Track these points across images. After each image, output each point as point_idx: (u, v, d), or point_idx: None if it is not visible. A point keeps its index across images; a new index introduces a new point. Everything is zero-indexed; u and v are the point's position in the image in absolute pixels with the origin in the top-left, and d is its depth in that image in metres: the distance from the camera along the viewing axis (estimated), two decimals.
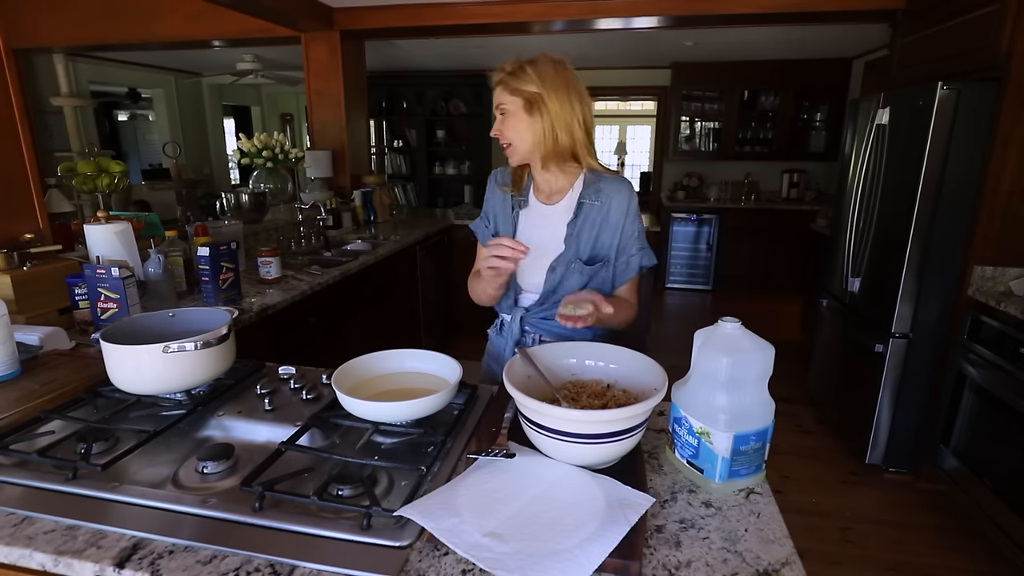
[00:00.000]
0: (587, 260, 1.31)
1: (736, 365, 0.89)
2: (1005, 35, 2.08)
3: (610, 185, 1.30)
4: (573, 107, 1.22)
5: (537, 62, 1.22)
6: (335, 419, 1.07)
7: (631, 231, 1.30)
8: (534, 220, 1.36)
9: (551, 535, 0.77)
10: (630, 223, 1.30)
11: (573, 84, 1.23)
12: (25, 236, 1.77)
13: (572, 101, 1.21)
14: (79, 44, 4.03)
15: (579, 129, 1.24)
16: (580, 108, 1.23)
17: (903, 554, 2.13)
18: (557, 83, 1.21)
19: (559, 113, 1.21)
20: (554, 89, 1.20)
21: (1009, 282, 2.21)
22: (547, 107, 1.21)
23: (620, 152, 11.96)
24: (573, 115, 1.22)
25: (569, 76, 1.23)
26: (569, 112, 1.22)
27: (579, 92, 1.23)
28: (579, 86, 1.24)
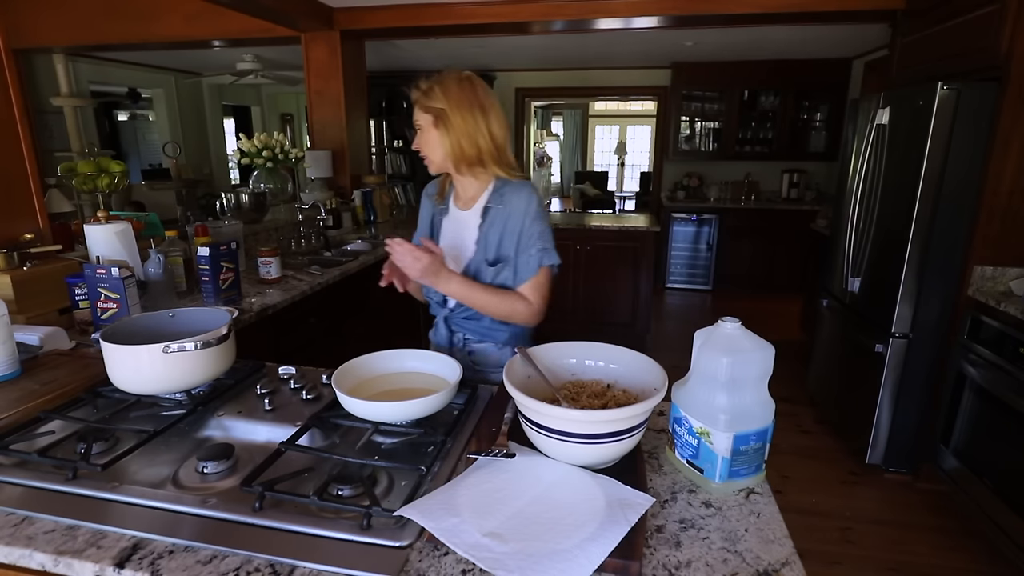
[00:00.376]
0: (492, 261, 1.40)
1: (736, 365, 0.89)
2: (1005, 35, 2.08)
3: (512, 189, 1.39)
4: (477, 120, 1.32)
5: (444, 80, 1.35)
6: (335, 419, 1.07)
7: (531, 232, 1.37)
8: (452, 226, 1.47)
9: (551, 535, 0.77)
10: (529, 224, 1.37)
11: (477, 99, 1.33)
12: (25, 236, 1.77)
13: (475, 115, 1.32)
14: (79, 44, 4.03)
15: (484, 139, 1.34)
16: (485, 120, 1.33)
17: (903, 554, 2.13)
18: (461, 99, 1.32)
19: (462, 127, 1.32)
20: (458, 105, 1.32)
21: (1009, 282, 2.21)
22: (452, 122, 1.32)
23: (620, 152, 11.97)
24: (477, 128, 1.32)
25: (473, 91, 1.34)
26: (472, 125, 1.32)
27: (483, 106, 1.34)
28: (485, 100, 1.34)
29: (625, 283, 4.02)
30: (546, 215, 1.39)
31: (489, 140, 1.34)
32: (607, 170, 11.68)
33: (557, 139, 12.21)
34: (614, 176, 11.89)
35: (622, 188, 11.87)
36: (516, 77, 6.27)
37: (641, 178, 10.84)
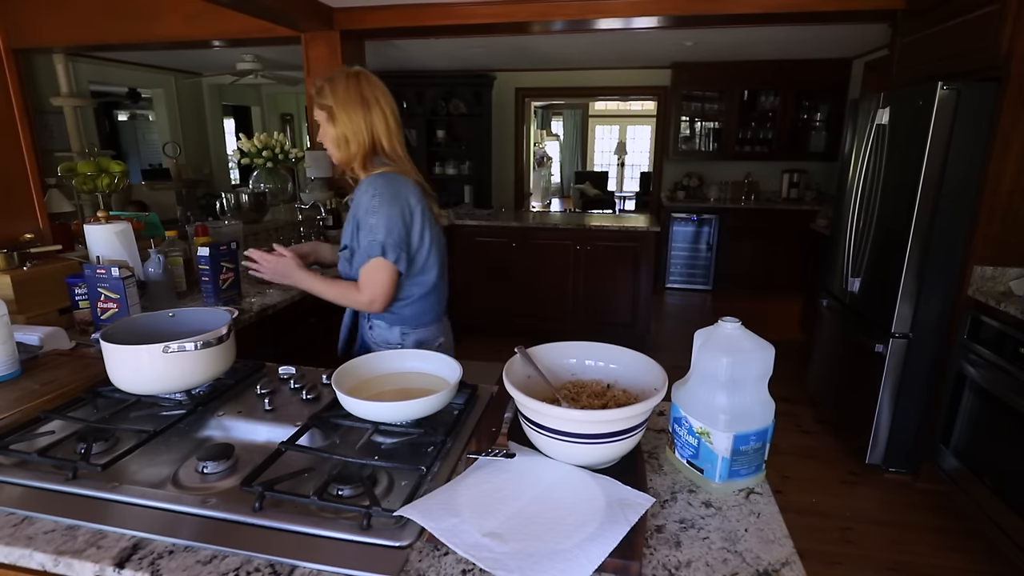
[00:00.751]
0: (342, 248, 1.53)
1: (736, 365, 0.89)
2: (1005, 35, 2.08)
3: (361, 185, 1.46)
4: (359, 117, 1.41)
5: (334, 79, 1.44)
6: (335, 419, 1.07)
7: (365, 224, 1.43)
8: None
9: (551, 535, 0.77)
10: (363, 216, 1.43)
11: (361, 95, 1.42)
12: (25, 236, 1.77)
13: (358, 111, 1.41)
14: (79, 44, 4.03)
15: (366, 135, 1.43)
16: (367, 116, 1.42)
17: (903, 554, 2.13)
18: (346, 97, 1.41)
19: (347, 123, 1.42)
20: (343, 103, 1.41)
21: (1009, 282, 2.21)
22: (338, 118, 1.42)
23: (620, 152, 11.97)
24: (360, 124, 1.42)
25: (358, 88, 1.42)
26: (356, 122, 1.41)
27: (367, 102, 1.42)
28: (369, 95, 1.42)
29: (625, 283, 4.02)
30: (386, 209, 1.41)
31: (369, 136, 1.43)
32: (607, 170, 11.68)
33: (557, 139, 12.21)
34: (614, 176, 11.89)
35: (622, 188, 11.87)
36: (516, 77, 6.27)
37: (641, 178, 10.84)
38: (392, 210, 1.41)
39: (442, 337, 1.65)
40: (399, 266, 1.44)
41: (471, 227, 4.14)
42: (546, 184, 11.72)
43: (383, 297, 1.46)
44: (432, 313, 1.59)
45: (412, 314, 1.56)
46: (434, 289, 1.56)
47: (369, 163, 1.46)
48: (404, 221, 1.43)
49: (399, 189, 1.43)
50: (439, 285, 1.58)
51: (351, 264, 1.50)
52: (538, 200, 10.75)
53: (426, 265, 1.52)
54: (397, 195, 1.42)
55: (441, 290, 1.61)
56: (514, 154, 6.58)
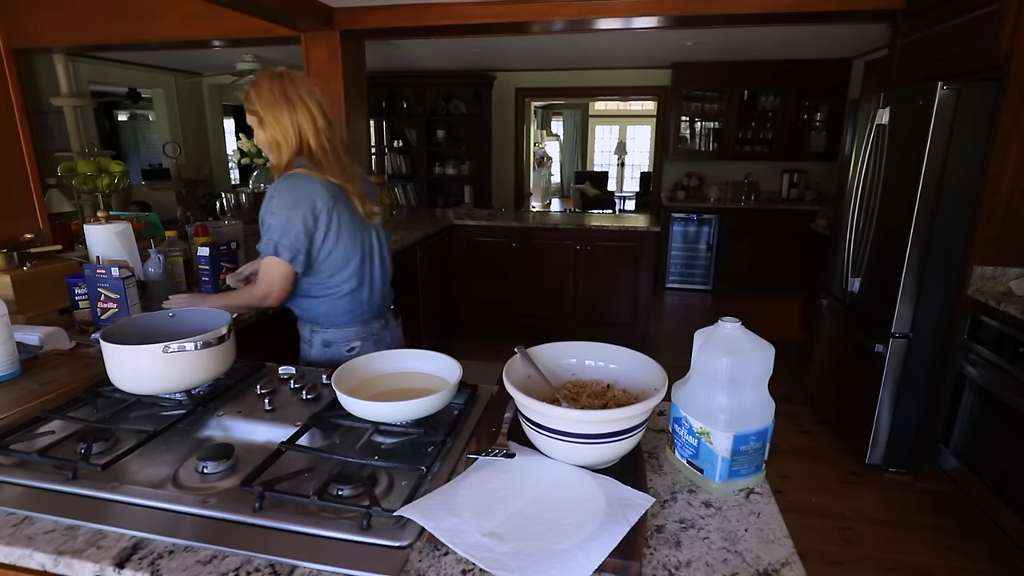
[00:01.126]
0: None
1: (736, 365, 0.89)
2: (1005, 35, 2.08)
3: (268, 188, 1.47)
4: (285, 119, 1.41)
5: (257, 83, 1.43)
6: (335, 419, 1.07)
7: (264, 223, 1.44)
8: None
9: (551, 535, 0.77)
10: (263, 216, 1.44)
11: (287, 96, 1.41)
12: (25, 236, 1.77)
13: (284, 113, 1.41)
14: (79, 44, 4.02)
15: (294, 136, 1.42)
16: (292, 117, 1.41)
17: (903, 554, 2.13)
18: (271, 99, 1.41)
19: (276, 126, 1.42)
20: (269, 106, 1.41)
21: (1009, 282, 2.21)
22: (267, 122, 1.42)
23: (620, 152, 11.97)
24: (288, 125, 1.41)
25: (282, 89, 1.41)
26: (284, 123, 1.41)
27: (292, 102, 1.41)
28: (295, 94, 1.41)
29: (625, 283, 4.02)
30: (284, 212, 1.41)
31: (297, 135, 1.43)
32: (607, 170, 11.68)
33: (557, 139, 12.21)
34: (614, 176, 11.89)
35: (622, 188, 11.87)
36: (516, 77, 6.27)
37: (641, 178, 10.84)
38: (292, 213, 1.41)
39: (358, 342, 1.60)
40: (295, 266, 1.45)
41: (471, 227, 4.14)
42: (546, 184, 11.72)
43: (276, 293, 1.47)
44: (345, 316, 1.57)
45: (320, 315, 1.56)
46: (351, 293, 1.55)
47: (289, 165, 1.46)
48: (305, 224, 1.42)
49: (304, 191, 1.41)
50: (358, 290, 1.56)
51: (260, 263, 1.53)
52: (538, 200, 10.76)
53: (337, 268, 1.51)
54: (299, 198, 1.41)
55: (361, 295, 1.57)
56: (514, 154, 6.58)
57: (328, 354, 1.59)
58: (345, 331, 1.59)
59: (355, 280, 1.55)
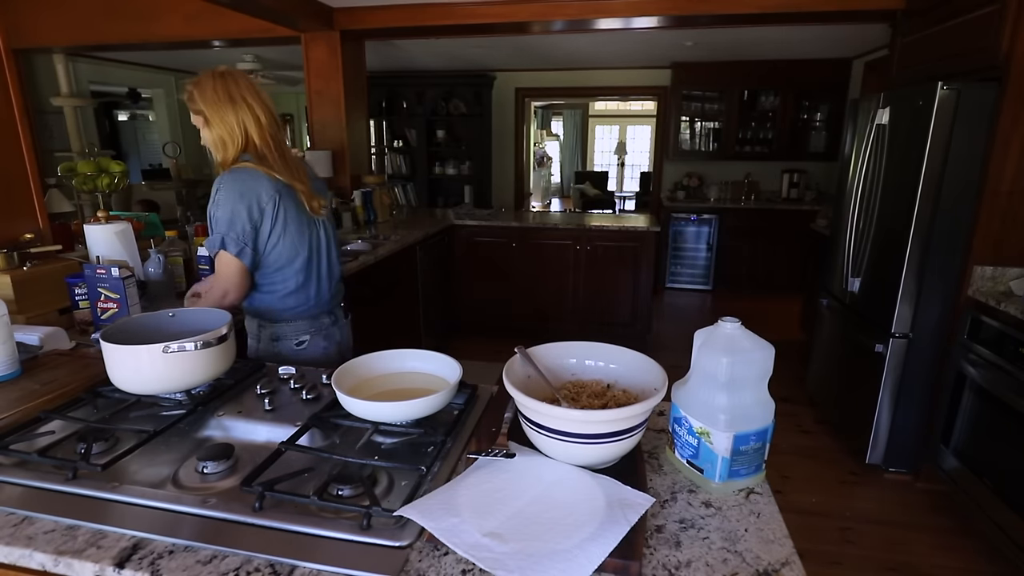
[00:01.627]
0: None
1: (736, 365, 0.89)
2: (1005, 35, 2.08)
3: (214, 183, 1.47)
4: (229, 117, 1.42)
5: (200, 83, 1.43)
6: (335, 419, 1.07)
7: (211, 217, 1.45)
8: None
9: (551, 535, 0.77)
10: (210, 210, 1.45)
11: (230, 95, 1.42)
12: (25, 236, 1.77)
13: (228, 112, 1.42)
14: (79, 44, 4.03)
15: (239, 133, 1.43)
16: (237, 115, 1.42)
17: (903, 554, 2.13)
18: (215, 99, 1.41)
19: (221, 125, 1.43)
20: (213, 104, 1.42)
21: (1009, 282, 2.21)
22: (212, 121, 1.43)
23: (620, 152, 11.97)
24: (232, 123, 1.42)
25: (225, 88, 1.42)
26: (229, 122, 1.42)
27: (235, 100, 1.42)
28: (237, 93, 1.42)
29: (625, 283, 4.02)
30: (230, 204, 1.42)
31: (242, 134, 1.44)
32: (607, 170, 11.68)
33: (557, 139, 12.21)
34: (614, 176, 11.89)
35: (622, 188, 11.87)
36: (516, 77, 6.27)
37: (641, 178, 10.84)
38: (237, 205, 1.41)
39: (306, 336, 1.60)
40: (243, 260, 1.45)
41: (471, 227, 4.14)
42: (546, 184, 11.72)
43: (234, 289, 1.48)
44: (294, 311, 1.58)
45: (268, 309, 1.56)
46: (298, 288, 1.56)
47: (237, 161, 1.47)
48: (250, 216, 1.43)
49: (248, 184, 1.42)
50: (304, 282, 1.56)
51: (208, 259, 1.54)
52: (538, 200, 10.76)
53: (284, 262, 1.51)
54: (244, 191, 1.42)
55: (306, 286, 1.58)
56: (514, 154, 6.58)
57: (276, 348, 1.59)
58: (294, 325, 1.59)
59: (302, 275, 1.55)
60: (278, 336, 1.59)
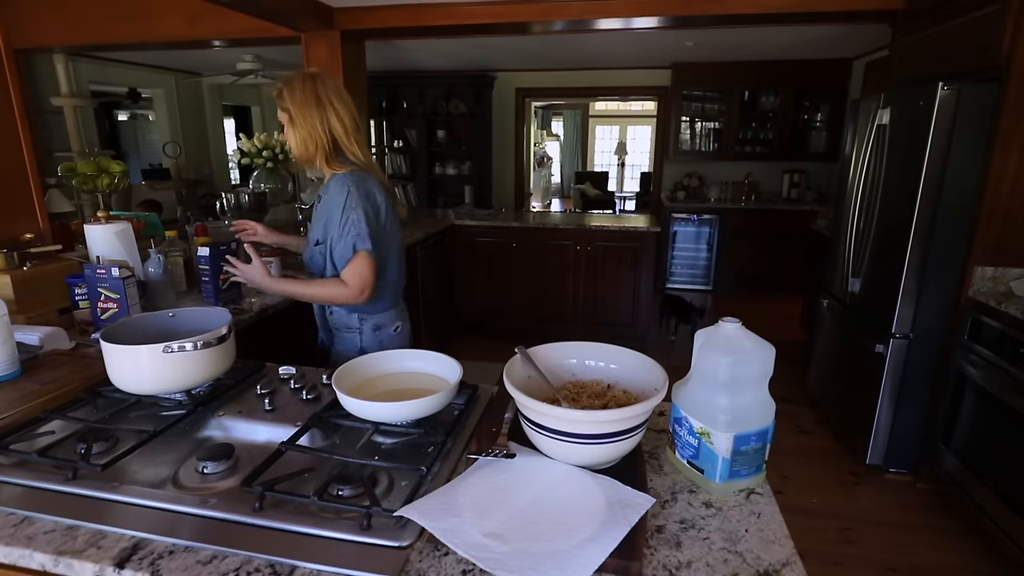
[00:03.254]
0: (317, 242, 1.58)
1: (736, 365, 0.89)
2: (1006, 35, 2.08)
3: (331, 182, 1.54)
4: (316, 118, 1.48)
5: (290, 82, 1.50)
6: (335, 419, 1.07)
7: (344, 220, 1.49)
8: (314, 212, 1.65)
9: (551, 535, 0.77)
10: (340, 214, 1.50)
11: (316, 97, 1.48)
12: (25, 236, 1.77)
13: (314, 113, 1.48)
14: (79, 44, 4.03)
15: (323, 135, 1.49)
16: (323, 117, 1.48)
17: (903, 554, 2.12)
18: (303, 100, 1.47)
19: (304, 125, 1.48)
20: (300, 105, 1.47)
21: (1010, 282, 2.21)
22: (296, 121, 1.49)
23: (620, 152, 11.96)
24: (316, 125, 1.48)
25: (313, 90, 1.48)
26: (312, 123, 1.48)
27: (322, 104, 1.48)
28: (324, 97, 1.48)
29: (625, 283, 4.02)
30: (360, 205, 1.49)
31: (328, 136, 1.50)
32: (607, 170, 11.68)
33: (557, 139, 12.21)
34: (614, 176, 11.89)
35: (622, 188, 11.87)
36: (516, 77, 6.27)
37: (641, 178, 10.83)
38: (367, 205, 1.50)
39: (399, 322, 1.76)
40: (376, 259, 1.53)
41: (471, 227, 4.14)
42: (546, 184, 11.72)
43: (371, 287, 1.53)
44: (389, 300, 1.69)
45: (372, 301, 1.62)
46: (392, 279, 1.66)
47: (333, 160, 1.53)
48: (373, 216, 1.52)
49: (368, 187, 1.52)
50: (397, 275, 1.69)
51: (327, 259, 1.56)
52: (538, 200, 10.75)
53: (387, 256, 1.61)
54: (368, 192, 1.52)
55: (399, 279, 1.71)
56: (514, 154, 6.58)
57: (379, 337, 1.70)
58: (388, 314, 1.72)
59: (396, 268, 1.68)
60: (380, 325, 1.70)
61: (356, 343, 1.70)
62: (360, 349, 1.69)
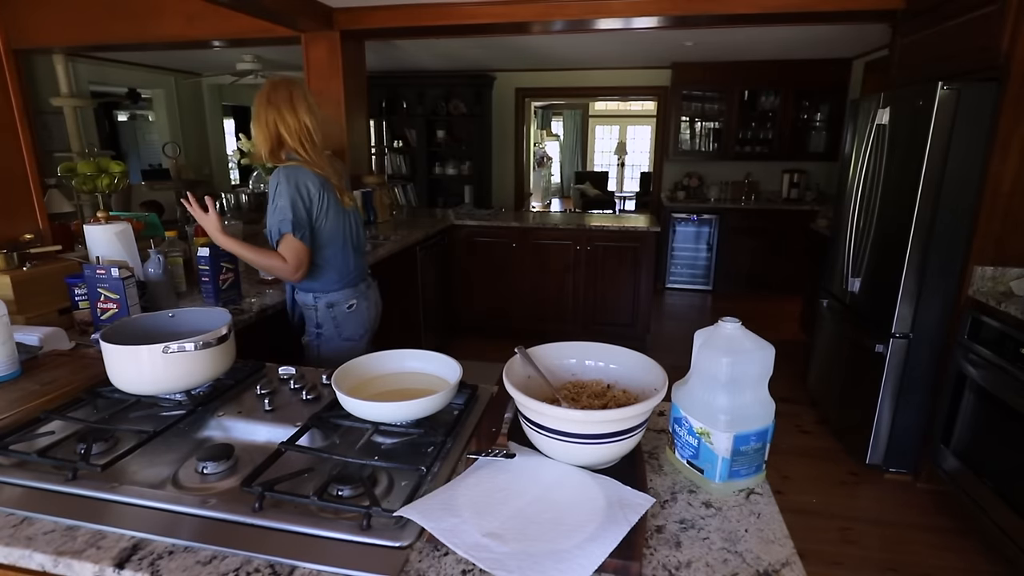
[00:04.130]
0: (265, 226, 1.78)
1: (736, 365, 0.89)
2: (1005, 35, 2.08)
3: (272, 174, 1.74)
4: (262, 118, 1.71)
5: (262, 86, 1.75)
6: (335, 419, 1.07)
7: (272, 206, 1.72)
8: None
9: (551, 535, 0.77)
10: (271, 201, 1.73)
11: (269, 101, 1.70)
12: (25, 236, 1.77)
13: (262, 114, 1.71)
14: (79, 44, 4.02)
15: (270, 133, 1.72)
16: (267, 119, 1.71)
17: (903, 554, 2.12)
18: (259, 101, 1.72)
19: (256, 122, 1.74)
20: (256, 106, 1.73)
21: (1010, 282, 2.21)
22: (254, 118, 1.74)
23: (620, 152, 11.96)
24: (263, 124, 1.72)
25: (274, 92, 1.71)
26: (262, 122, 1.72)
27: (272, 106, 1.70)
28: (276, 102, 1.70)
29: (625, 283, 4.02)
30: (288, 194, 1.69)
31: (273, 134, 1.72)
32: (607, 170, 11.68)
33: (557, 139, 12.21)
34: (614, 176, 11.89)
35: (622, 188, 11.87)
36: (516, 77, 6.27)
37: (641, 178, 10.83)
38: (295, 194, 1.70)
39: (354, 300, 1.94)
40: (304, 242, 1.72)
41: (471, 227, 4.14)
42: (546, 184, 11.72)
43: (304, 266, 1.76)
44: (339, 281, 1.89)
45: (321, 282, 1.87)
46: (337, 262, 1.87)
47: (276, 157, 1.76)
48: (304, 204, 1.71)
49: (299, 178, 1.71)
50: (343, 259, 1.88)
51: (271, 240, 1.75)
52: (538, 200, 10.76)
53: (328, 241, 1.82)
54: (299, 183, 1.71)
55: (346, 262, 1.90)
56: (514, 154, 6.58)
57: (333, 312, 1.91)
58: (343, 293, 1.91)
59: (342, 252, 1.87)
60: (332, 303, 1.90)
61: (313, 319, 1.91)
62: (317, 324, 1.91)
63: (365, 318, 1.99)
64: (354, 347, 1.95)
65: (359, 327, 1.97)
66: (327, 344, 1.92)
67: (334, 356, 1.89)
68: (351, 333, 1.94)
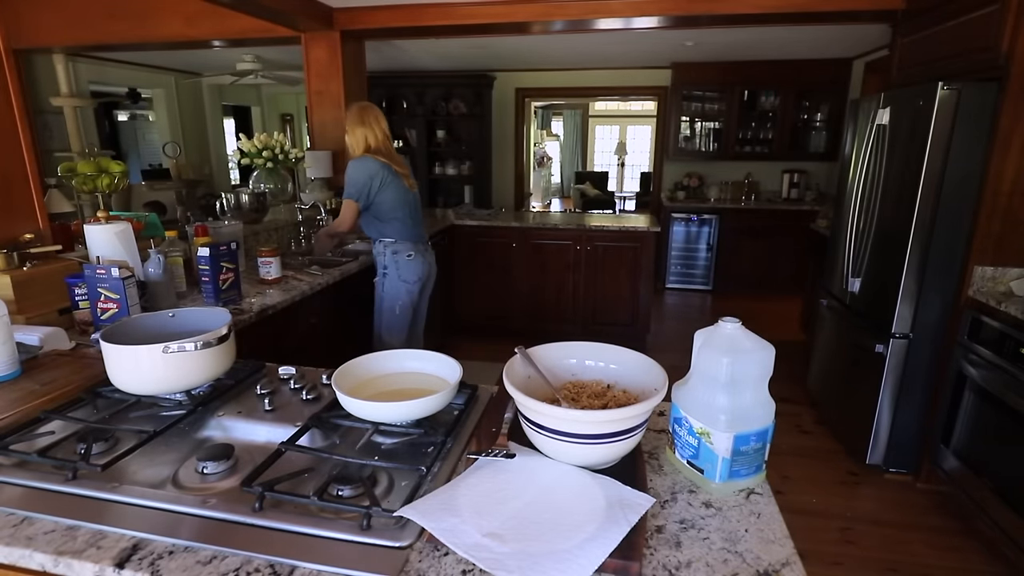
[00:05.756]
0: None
1: (736, 365, 0.89)
2: (1005, 35, 2.08)
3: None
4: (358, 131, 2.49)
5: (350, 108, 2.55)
6: (335, 419, 1.07)
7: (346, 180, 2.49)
8: None
9: (551, 535, 0.77)
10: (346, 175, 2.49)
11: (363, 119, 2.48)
12: (25, 236, 1.77)
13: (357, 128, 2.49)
14: (79, 44, 4.03)
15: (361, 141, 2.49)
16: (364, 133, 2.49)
17: (903, 554, 2.12)
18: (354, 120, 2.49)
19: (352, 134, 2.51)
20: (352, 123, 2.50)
21: (1010, 282, 2.21)
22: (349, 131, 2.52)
23: (620, 152, 11.96)
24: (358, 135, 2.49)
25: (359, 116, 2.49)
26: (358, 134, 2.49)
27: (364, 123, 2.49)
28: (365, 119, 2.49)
29: (625, 283, 4.02)
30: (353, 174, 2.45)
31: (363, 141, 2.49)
32: (607, 170, 11.68)
33: (557, 139, 12.21)
34: (614, 176, 11.89)
35: (622, 188, 11.87)
36: (516, 77, 6.26)
37: (641, 178, 10.84)
38: (357, 174, 2.44)
39: (412, 252, 2.60)
40: (359, 203, 2.46)
41: (471, 227, 4.14)
42: (546, 184, 11.72)
43: (348, 221, 2.50)
44: (401, 234, 2.57)
45: (388, 232, 2.57)
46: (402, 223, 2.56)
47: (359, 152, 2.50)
48: (365, 180, 2.43)
49: (366, 164, 2.44)
50: (406, 222, 2.57)
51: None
52: (538, 200, 10.75)
53: (391, 207, 2.51)
54: (364, 167, 2.44)
55: (406, 224, 2.57)
56: (514, 154, 6.58)
57: (396, 258, 2.57)
58: (403, 244, 2.57)
59: (407, 217, 2.57)
60: (397, 251, 2.57)
61: (382, 262, 2.59)
62: (384, 266, 2.58)
63: (420, 269, 2.62)
64: (409, 289, 2.59)
65: (413, 273, 2.59)
66: (390, 283, 2.57)
67: (393, 292, 2.58)
68: (407, 276, 2.58)
